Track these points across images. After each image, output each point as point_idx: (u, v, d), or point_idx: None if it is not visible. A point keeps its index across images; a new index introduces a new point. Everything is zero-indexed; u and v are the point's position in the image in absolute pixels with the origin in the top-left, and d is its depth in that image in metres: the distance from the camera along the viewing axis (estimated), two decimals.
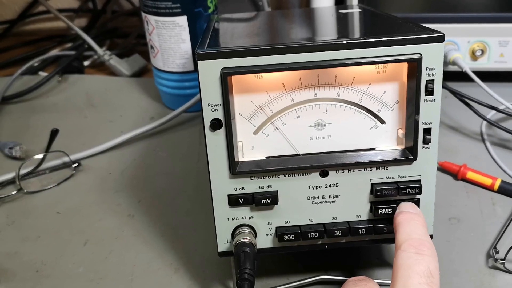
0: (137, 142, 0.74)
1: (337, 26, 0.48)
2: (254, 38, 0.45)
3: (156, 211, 0.59)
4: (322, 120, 0.40)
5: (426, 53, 0.38)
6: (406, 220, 0.39)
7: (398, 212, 0.40)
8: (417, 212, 0.40)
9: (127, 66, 0.99)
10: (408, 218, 0.39)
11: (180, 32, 0.74)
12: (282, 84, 0.39)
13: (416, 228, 0.38)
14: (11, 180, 0.65)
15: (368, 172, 0.41)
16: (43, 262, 0.52)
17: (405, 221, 0.39)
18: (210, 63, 0.37)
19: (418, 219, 0.39)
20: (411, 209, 0.40)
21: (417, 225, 0.38)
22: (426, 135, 0.40)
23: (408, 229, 0.38)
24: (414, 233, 0.37)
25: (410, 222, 0.39)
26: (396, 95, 0.40)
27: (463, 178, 0.60)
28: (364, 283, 0.38)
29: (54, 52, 1.04)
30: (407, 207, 0.41)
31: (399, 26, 0.43)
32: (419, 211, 0.41)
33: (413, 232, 0.38)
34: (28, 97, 0.90)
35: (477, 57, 0.78)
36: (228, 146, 0.39)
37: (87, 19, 1.22)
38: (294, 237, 0.42)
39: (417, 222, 0.39)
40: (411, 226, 0.38)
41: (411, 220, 0.39)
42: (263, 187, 0.41)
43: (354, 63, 0.38)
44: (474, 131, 0.71)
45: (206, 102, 0.38)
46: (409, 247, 0.36)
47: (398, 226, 0.39)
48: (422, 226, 0.39)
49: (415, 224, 0.38)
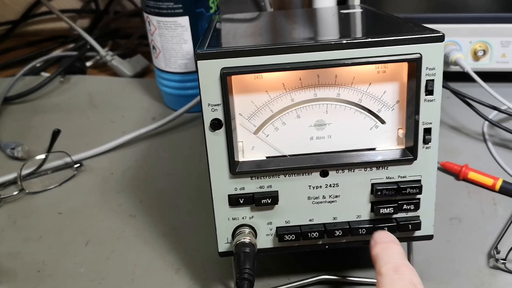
0: (139, 143, 0.74)
1: (338, 26, 0.48)
2: (255, 38, 0.45)
3: (158, 211, 0.59)
4: (322, 120, 0.40)
5: (426, 53, 0.38)
6: (382, 250, 0.40)
7: (374, 243, 0.41)
8: (392, 240, 0.41)
9: (129, 67, 0.99)
10: (384, 248, 0.40)
11: (182, 33, 0.74)
12: (282, 84, 0.39)
13: (393, 254, 0.39)
14: (13, 180, 0.66)
15: (368, 172, 0.41)
16: (45, 262, 0.52)
17: (381, 251, 0.39)
18: (209, 63, 0.37)
19: (394, 246, 0.40)
20: (386, 237, 0.41)
21: (393, 252, 0.39)
22: (426, 135, 0.40)
23: (385, 258, 0.39)
24: (391, 259, 0.38)
25: (386, 251, 0.39)
26: (396, 95, 0.40)
27: (464, 178, 0.60)
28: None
29: (56, 53, 1.05)
30: (382, 237, 0.41)
31: (399, 26, 0.43)
32: (394, 237, 0.41)
33: (390, 259, 0.38)
34: (30, 97, 0.90)
35: (479, 58, 0.78)
36: (228, 146, 0.39)
37: (89, 19, 1.22)
38: (294, 237, 0.42)
39: (393, 250, 0.39)
40: (388, 254, 0.39)
41: (387, 249, 0.40)
42: (263, 187, 0.41)
43: (354, 63, 0.38)
44: (476, 131, 0.71)
45: (206, 102, 0.38)
46: (388, 271, 0.37)
47: (375, 258, 0.39)
48: (399, 252, 0.39)
49: (391, 252, 0.39)
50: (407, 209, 0.42)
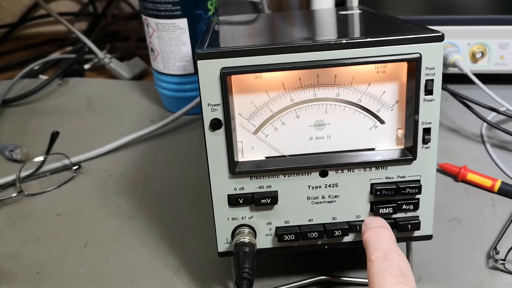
0: (137, 145, 0.74)
1: (336, 27, 0.48)
2: (254, 38, 0.45)
3: (156, 213, 0.59)
4: (321, 120, 0.40)
5: (425, 52, 0.38)
6: (372, 235, 0.40)
7: (364, 228, 0.41)
8: (382, 225, 0.41)
9: (127, 69, 0.99)
10: (374, 233, 0.40)
11: (180, 35, 0.74)
12: (281, 84, 0.39)
13: (383, 240, 0.39)
14: (11, 182, 0.65)
15: (367, 172, 0.41)
16: (44, 264, 0.52)
17: (371, 236, 0.40)
18: (209, 63, 0.37)
19: (383, 231, 0.40)
20: (377, 223, 0.41)
21: (383, 238, 0.39)
22: (426, 135, 0.40)
23: (375, 243, 0.39)
24: (381, 245, 0.38)
25: (376, 236, 0.40)
26: (395, 95, 0.40)
27: (463, 179, 0.60)
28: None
29: (54, 56, 1.05)
30: (372, 222, 0.41)
31: (398, 26, 0.43)
32: (384, 222, 0.41)
33: (379, 245, 0.39)
34: (29, 100, 0.90)
35: (477, 59, 0.78)
36: (228, 146, 0.39)
37: (87, 22, 1.22)
38: (294, 237, 0.41)
39: (383, 235, 0.40)
40: (377, 240, 0.39)
41: (377, 234, 0.40)
42: (262, 187, 0.41)
43: (354, 62, 0.38)
44: (474, 133, 0.71)
45: (206, 102, 0.38)
46: (378, 257, 0.37)
47: (366, 243, 0.40)
48: (388, 237, 0.40)
49: (381, 237, 0.39)
50: (407, 209, 0.42)
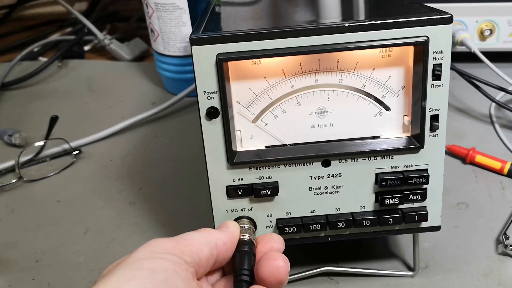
0: (138, 128, 0.73)
1: (340, 9, 0.46)
2: (253, 22, 0.44)
3: (158, 198, 0.58)
4: (324, 107, 0.39)
5: (433, 35, 0.36)
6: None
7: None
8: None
9: (127, 51, 0.98)
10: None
11: (180, 15, 0.73)
12: (281, 70, 0.38)
13: None
14: (10, 168, 0.65)
15: (372, 161, 0.40)
16: (44, 252, 0.52)
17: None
18: (204, 49, 0.36)
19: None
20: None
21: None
22: (434, 122, 0.38)
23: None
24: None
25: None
26: (401, 80, 0.39)
27: (471, 161, 0.59)
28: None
29: (54, 37, 1.04)
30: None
31: (404, 7, 0.41)
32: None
33: None
34: (28, 83, 0.89)
35: (486, 37, 0.77)
36: (226, 135, 0.38)
37: (87, 3, 1.21)
38: (295, 229, 0.41)
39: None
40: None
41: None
42: (262, 178, 0.40)
43: (357, 47, 0.36)
44: (483, 113, 0.70)
45: (202, 89, 0.37)
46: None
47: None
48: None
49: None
50: (414, 200, 0.40)
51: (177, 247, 0.32)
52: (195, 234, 0.34)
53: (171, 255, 0.31)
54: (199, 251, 0.33)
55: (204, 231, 0.35)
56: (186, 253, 0.32)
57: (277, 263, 0.34)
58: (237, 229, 0.37)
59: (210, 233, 0.35)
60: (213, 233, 0.35)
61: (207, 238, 0.34)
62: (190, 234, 0.34)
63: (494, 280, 0.44)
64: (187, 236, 0.34)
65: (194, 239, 0.34)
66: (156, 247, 0.32)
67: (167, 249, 0.32)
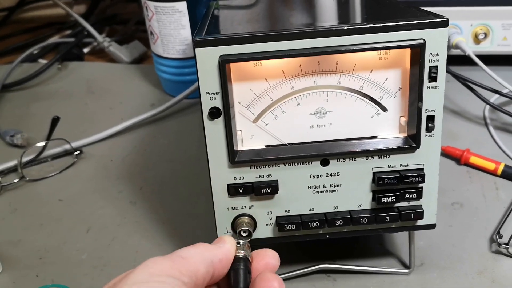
0: (138, 129, 0.74)
1: (338, 12, 0.47)
2: (254, 24, 0.45)
3: (158, 197, 0.59)
4: (322, 108, 0.40)
5: (429, 38, 0.37)
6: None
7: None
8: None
9: (126, 53, 0.98)
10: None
11: (180, 18, 0.73)
12: (281, 71, 0.39)
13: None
14: (13, 168, 0.65)
15: (370, 161, 0.40)
16: (47, 250, 0.52)
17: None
18: (208, 51, 0.37)
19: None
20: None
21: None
22: (429, 123, 0.39)
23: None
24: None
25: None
26: (398, 82, 0.39)
27: (466, 162, 0.60)
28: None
29: (53, 39, 1.04)
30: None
31: (401, 11, 0.42)
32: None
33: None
34: (28, 84, 0.89)
35: (480, 41, 0.77)
36: (227, 135, 0.39)
37: (86, 5, 1.21)
38: (294, 226, 0.41)
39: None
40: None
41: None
42: (263, 176, 0.40)
43: (356, 49, 0.37)
44: (477, 115, 0.71)
45: (204, 90, 0.38)
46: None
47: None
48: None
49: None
50: (410, 198, 0.41)
51: (175, 267, 0.31)
52: (192, 250, 0.33)
53: (170, 278, 0.31)
54: (196, 270, 0.32)
55: (200, 246, 0.34)
56: (184, 273, 0.31)
57: (271, 285, 0.33)
58: (233, 245, 0.36)
59: (207, 249, 0.34)
60: (209, 249, 0.34)
61: (204, 254, 0.33)
62: (187, 250, 0.33)
63: (488, 277, 0.45)
64: (184, 254, 0.33)
65: (192, 257, 0.33)
66: (153, 268, 0.31)
67: (164, 270, 0.31)
